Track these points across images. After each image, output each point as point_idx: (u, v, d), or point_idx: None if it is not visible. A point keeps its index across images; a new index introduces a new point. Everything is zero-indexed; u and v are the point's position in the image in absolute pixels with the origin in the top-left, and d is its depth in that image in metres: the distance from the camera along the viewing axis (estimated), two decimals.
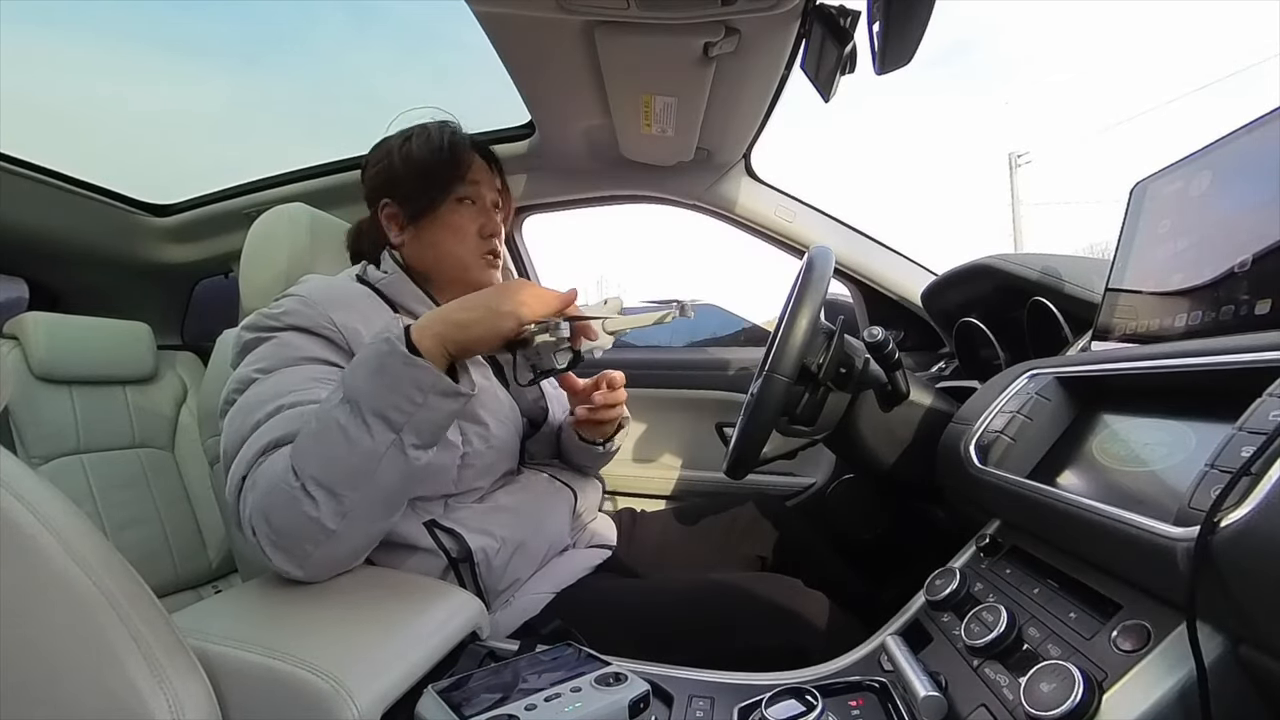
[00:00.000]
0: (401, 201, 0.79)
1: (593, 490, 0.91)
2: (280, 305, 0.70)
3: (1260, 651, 0.32)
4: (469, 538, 0.72)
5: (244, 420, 0.60)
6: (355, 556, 0.60)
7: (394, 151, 0.79)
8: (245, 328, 0.70)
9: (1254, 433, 0.34)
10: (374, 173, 0.80)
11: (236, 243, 0.96)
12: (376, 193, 0.80)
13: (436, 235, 0.79)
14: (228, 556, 1.42)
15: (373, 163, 0.81)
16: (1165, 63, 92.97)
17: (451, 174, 0.78)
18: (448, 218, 0.79)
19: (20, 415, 1.24)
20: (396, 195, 0.79)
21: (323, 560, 0.56)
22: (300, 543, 0.54)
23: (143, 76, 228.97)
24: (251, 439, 0.58)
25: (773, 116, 1.10)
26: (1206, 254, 0.54)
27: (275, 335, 0.68)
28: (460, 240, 0.79)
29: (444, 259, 0.79)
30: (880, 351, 0.74)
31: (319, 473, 0.53)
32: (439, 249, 0.79)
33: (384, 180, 0.79)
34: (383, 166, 0.79)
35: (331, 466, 0.53)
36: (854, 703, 0.47)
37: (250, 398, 0.63)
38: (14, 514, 0.33)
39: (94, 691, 0.33)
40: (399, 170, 0.78)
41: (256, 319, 0.70)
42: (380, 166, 0.79)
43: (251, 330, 0.69)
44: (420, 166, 0.77)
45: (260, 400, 0.61)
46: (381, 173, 0.79)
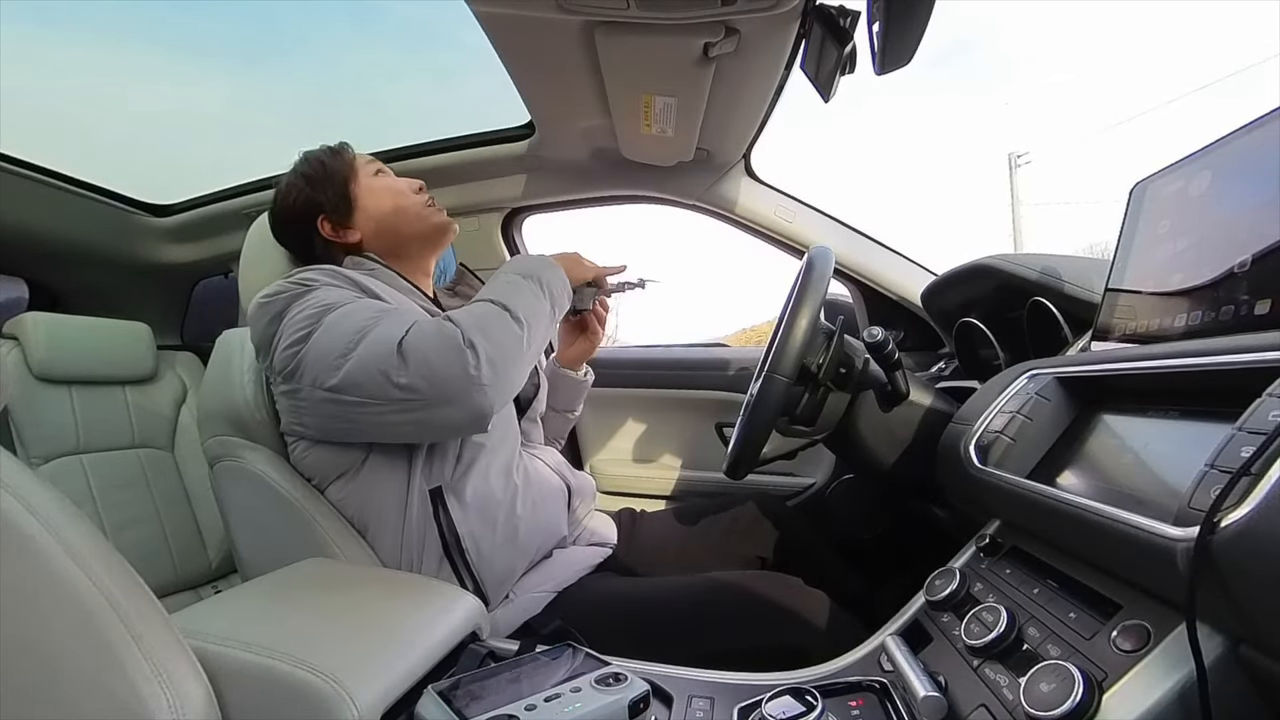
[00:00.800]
0: (331, 206, 0.85)
1: (587, 488, 0.92)
2: (299, 276, 0.74)
3: (1260, 651, 0.32)
4: (461, 522, 0.74)
5: (343, 324, 0.68)
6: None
7: (296, 182, 0.85)
8: (269, 295, 0.73)
9: (1254, 433, 0.34)
10: (295, 198, 0.85)
11: (236, 243, 0.96)
12: (308, 218, 0.85)
13: (375, 203, 0.86)
14: (227, 557, 1.42)
15: (289, 197, 0.85)
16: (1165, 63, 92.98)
17: (346, 159, 0.87)
18: (370, 190, 0.86)
19: (20, 415, 1.24)
20: (325, 207, 0.85)
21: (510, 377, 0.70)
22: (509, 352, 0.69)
23: (143, 76, 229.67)
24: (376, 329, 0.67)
25: (773, 116, 1.10)
26: (1206, 254, 0.54)
27: (316, 289, 0.72)
28: (395, 194, 0.87)
29: (401, 219, 0.86)
30: (880, 351, 0.74)
31: (525, 313, 0.72)
32: (387, 211, 0.86)
33: (308, 200, 0.85)
34: (297, 194, 0.85)
35: (529, 310, 0.73)
36: (854, 703, 0.47)
37: (341, 314, 0.69)
38: (14, 514, 0.33)
39: (93, 692, 0.33)
40: (309, 190, 0.84)
41: (280, 286, 0.73)
42: (295, 195, 0.85)
43: (276, 295, 0.72)
44: (321, 171, 0.85)
45: (360, 308, 0.70)
46: (299, 195, 0.85)
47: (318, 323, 0.69)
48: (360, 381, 0.66)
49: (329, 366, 0.67)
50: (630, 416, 1.47)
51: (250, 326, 0.75)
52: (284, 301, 0.71)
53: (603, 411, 1.46)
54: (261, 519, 0.78)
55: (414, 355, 0.65)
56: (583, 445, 1.49)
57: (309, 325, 0.69)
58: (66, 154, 1.37)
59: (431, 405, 0.66)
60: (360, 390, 0.66)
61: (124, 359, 1.41)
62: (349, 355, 0.66)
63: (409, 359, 0.65)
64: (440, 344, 0.66)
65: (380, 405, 0.66)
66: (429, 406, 0.66)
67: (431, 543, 0.74)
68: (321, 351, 0.68)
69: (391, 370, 0.65)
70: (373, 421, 0.68)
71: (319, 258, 0.86)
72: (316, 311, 0.69)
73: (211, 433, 0.81)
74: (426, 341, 0.66)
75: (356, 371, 0.66)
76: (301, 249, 0.88)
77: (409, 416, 0.67)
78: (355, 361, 0.66)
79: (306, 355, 0.68)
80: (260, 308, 0.72)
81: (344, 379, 0.66)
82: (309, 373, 0.68)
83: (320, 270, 0.76)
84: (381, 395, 0.65)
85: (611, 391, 1.42)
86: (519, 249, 1.46)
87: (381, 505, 0.74)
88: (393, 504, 0.74)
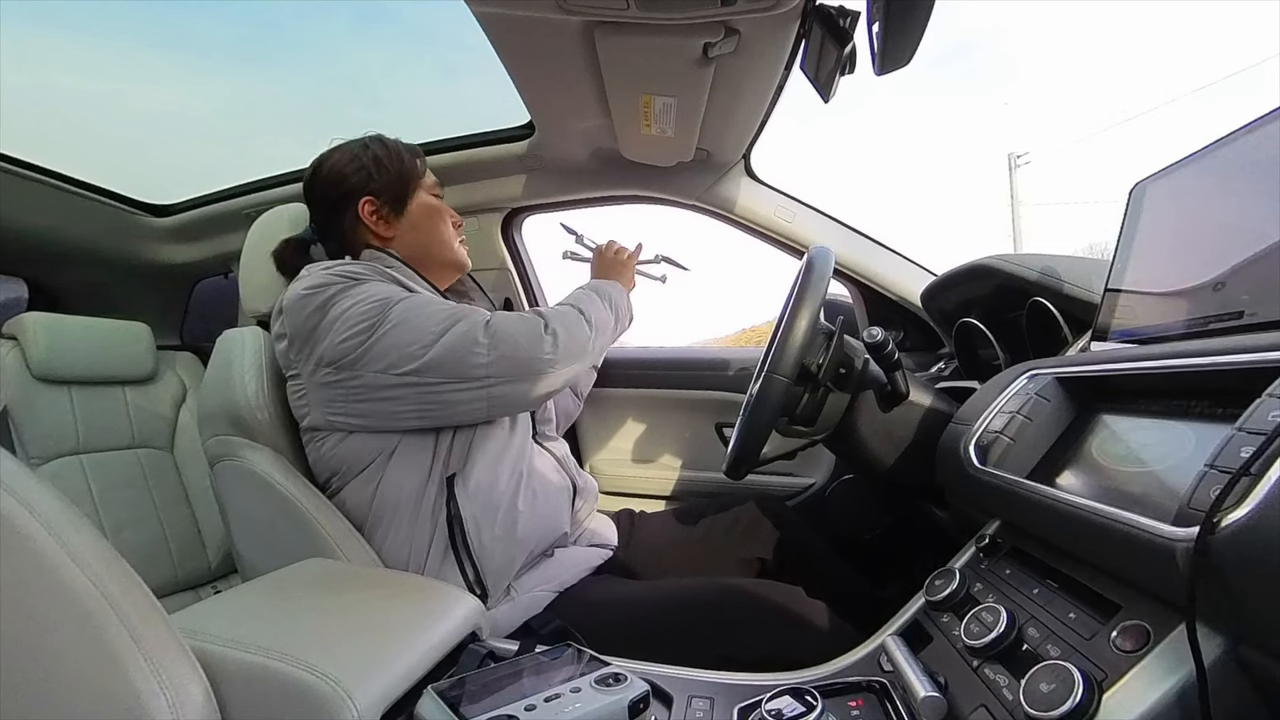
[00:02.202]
0: (383, 197, 0.86)
1: (589, 488, 0.92)
2: (340, 269, 0.76)
3: (1260, 652, 0.32)
4: (464, 505, 0.75)
5: (424, 315, 0.73)
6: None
7: (362, 154, 0.86)
8: (313, 287, 0.74)
9: (1253, 433, 0.34)
10: (353, 170, 0.85)
11: (236, 243, 0.96)
12: (355, 192, 0.85)
13: (426, 223, 0.89)
14: (227, 557, 1.42)
15: (346, 165, 0.85)
16: (1165, 63, 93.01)
17: (415, 169, 0.89)
18: (427, 207, 0.89)
19: (19, 416, 1.24)
20: (378, 191, 0.85)
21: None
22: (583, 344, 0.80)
23: (143, 76, 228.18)
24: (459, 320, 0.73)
25: (772, 116, 1.10)
26: (1205, 254, 0.54)
27: (364, 282, 0.75)
28: (444, 223, 0.90)
29: (434, 242, 0.89)
30: (880, 352, 0.74)
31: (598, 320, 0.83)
32: (431, 234, 0.89)
33: (365, 178, 0.85)
34: (360, 165, 0.85)
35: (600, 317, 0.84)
36: (854, 703, 0.47)
37: (413, 305, 0.74)
38: (13, 515, 0.33)
39: (93, 692, 0.33)
40: (375, 169, 0.85)
41: (324, 278, 0.75)
42: (358, 165, 0.85)
43: (322, 287, 0.74)
44: (394, 163, 0.87)
45: (433, 301, 0.76)
46: (360, 170, 0.85)
47: (384, 314, 0.72)
48: (445, 362, 0.71)
49: (408, 354, 0.71)
50: (630, 416, 1.47)
51: (287, 317, 0.75)
52: (332, 293, 0.73)
53: (603, 411, 1.46)
54: (261, 519, 0.78)
55: (503, 336, 0.73)
56: (583, 445, 1.49)
57: (373, 316, 0.72)
58: (66, 154, 1.36)
59: (510, 380, 0.73)
60: (444, 370, 0.71)
61: (124, 359, 1.41)
62: (432, 345, 0.71)
63: (498, 339, 0.72)
64: (525, 327, 0.75)
65: (456, 384, 0.72)
66: (507, 381, 0.73)
67: (440, 531, 0.75)
68: (398, 341, 0.71)
69: (478, 351, 0.71)
70: (444, 401, 0.73)
71: (337, 233, 0.87)
72: (378, 304, 0.72)
73: (212, 432, 0.81)
74: (512, 324, 0.74)
75: (442, 354, 0.71)
76: (325, 215, 0.88)
77: (482, 393, 0.73)
78: (441, 346, 0.71)
79: (376, 345, 0.71)
80: (302, 299, 0.74)
81: (424, 365, 0.71)
82: (378, 360, 0.71)
83: (362, 264, 0.78)
84: (461, 375, 0.72)
85: (611, 391, 1.42)
86: (519, 249, 1.46)
87: (400, 494, 0.76)
88: (412, 492, 0.76)
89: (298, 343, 0.75)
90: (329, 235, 0.88)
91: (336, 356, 0.72)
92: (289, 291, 0.76)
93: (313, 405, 0.76)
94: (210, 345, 0.89)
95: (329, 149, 0.88)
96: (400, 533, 0.75)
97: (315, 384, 0.75)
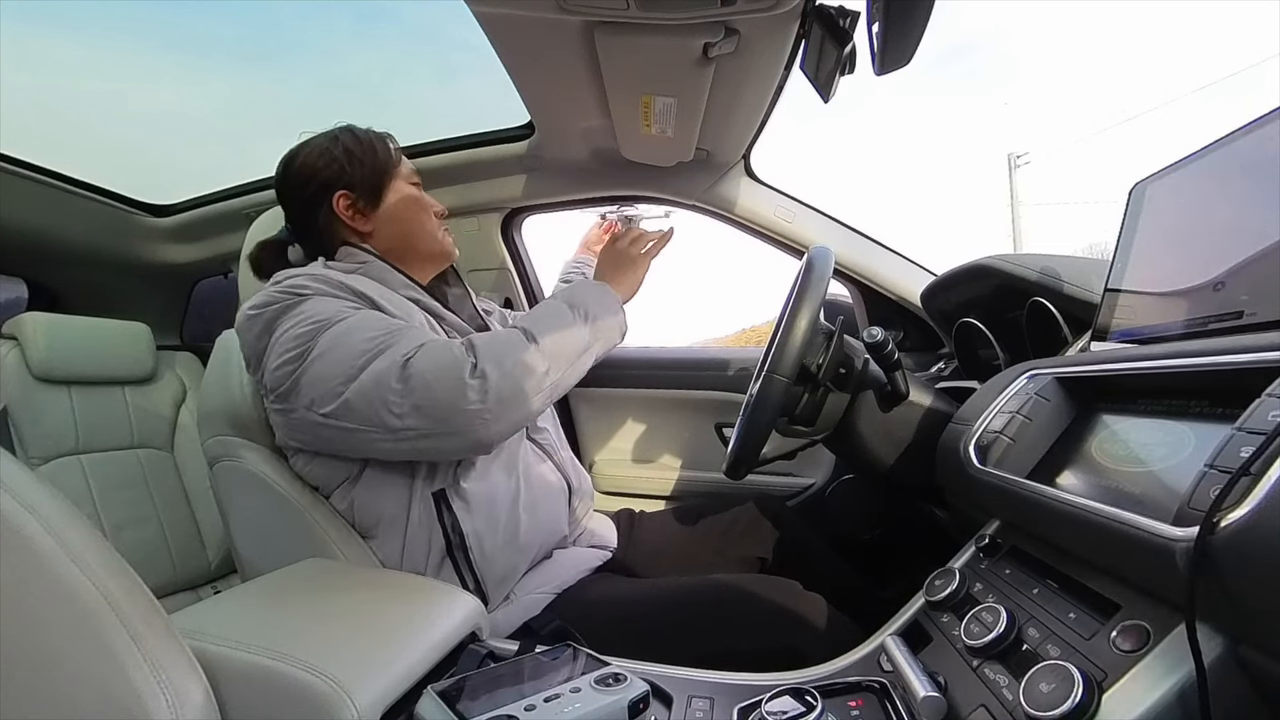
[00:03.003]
0: (358, 190, 0.81)
1: (586, 487, 0.92)
2: (288, 283, 0.72)
3: (1259, 651, 0.32)
4: (464, 520, 0.74)
5: (345, 346, 0.66)
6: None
7: (332, 147, 0.82)
8: (258, 306, 0.70)
9: (1253, 433, 0.34)
10: (324, 164, 0.81)
11: (236, 243, 0.96)
12: (329, 186, 0.81)
13: (404, 213, 0.84)
14: (227, 557, 1.42)
15: (317, 159, 0.81)
16: (1165, 63, 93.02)
17: (390, 158, 0.84)
18: (404, 197, 0.84)
19: (19, 416, 1.24)
20: (351, 184, 0.81)
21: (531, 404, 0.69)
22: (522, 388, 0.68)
23: (143, 76, 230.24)
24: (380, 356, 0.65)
25: (772, 116, 1.10)
26: (1205, 254, 0.54)
27: (307, 299, 0.70)
28: (423, 211, 0.85)
29: (415, 233, 0.84)
30: (880, 352, 0.74)
31: (554, 347, 0.71)
32: (411, 225, 0.84)
33: (336, 172, 0.81)
34: (330, 159, 0.81)
35: (562, 344, 0.72)
36: (854, 703, 0.47)
37: (341, 332, 0.67)
38: (13, 515, 0.33)
39: (93, 693, 0.33)
40: (347, 161, 0.81)
41: (269, 296, 0.71)
42: (328, 159, 0.81)
43: (265, 306, 0.70)
44: (366, 154, 0.82)
45: (361, 327, 0.68)
46: (331, 164, 0.81)
47: (313, 341, 0.67)
48: (358, 408, 0.65)
49: (328, 392, 0.66)
50: (630, 416, 1.47)
51: (239, 338, 0.73)
52: (274, 313, 0.69)
53: (602, 411, 1.46)
54: (261, 519, 0.77)
55: (418, 381, 0.64)
56: (583, 445, 1.49)
57: (302, 344, 0.67)
58: (66, 154, 1.37)
59: (429, 436, 0.65)
60: (357, 417, 0.65)
61: (123, 359, 1.41)
62: (350, 381, 0.65)
63: (412, 384, 0.64)
64: (446, 372, 0.65)
65: (377, 433, 0.65)
66: (426, 437, 0.65)
67: (435, 544, 0.74)
68: (319, 375, 0.66)
69: (391, 400, 0.64)
70: (369, 447, 0.68)
71: (313, 231, 0.83)
72: (310, 329, 0.67)
73: (211, 433, 0.81)
74: (432, 367, 0.65)
75: (355, 399, 0.65)
76: (300, 214, 0.84)
77: (406, 445, 0.66)
78: (356, 389, 0.65)
79: (302, 377, 0.67)
80: (249, 320, 0.70)
81: (341, 406, 0.65)
82: (304, 395, 0.67)
83: (311, 276, 0.73)
84: (379, 423, 0.65)
85: (611, 391, 1.42)
86: (519, 249, 1.46)
87: (383, 510, 0.74)
88: (395, 508, 0.74)
89: (251, 364, 0.73)
90: (305, 235, 0.85)
91: (274, 386, 0.69)
92: (240, 310, 0.73)
93: (275, 425, 0.75)
94: (210, 345, 0.89)
95: (298, 144, 0.84)
96: (392, 545, 0.74)
97: (269, 409, 0.74)
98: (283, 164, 0.84)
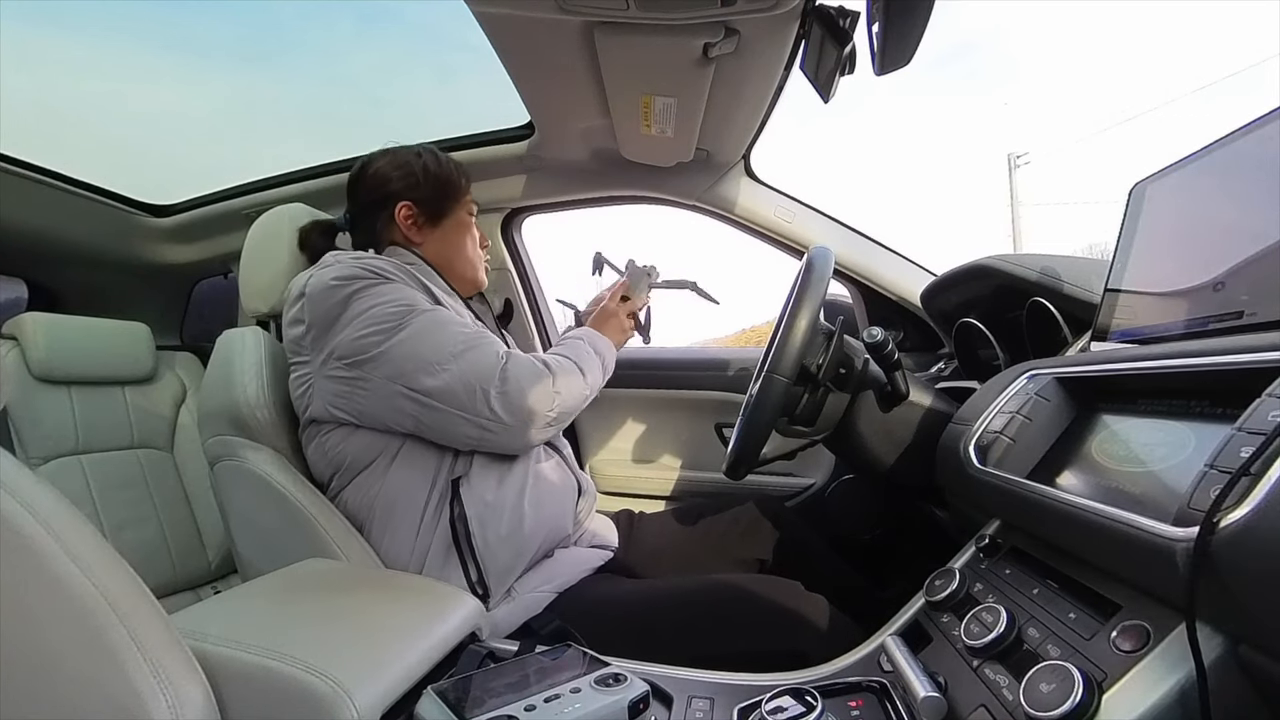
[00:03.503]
0: (422, 206, 0.89)
1: (590, 488, 0.92)
2: (368, 262, 0.77)
3: (1260, 652, 0.32)
4: (470, 506, 0.75)
5: (442, 332, 0.74)
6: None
7: (412, 163, 0.89)
8: (342, 278, 0.74)
9: (1253, 433, 0.34)
10: (399, 176, 0.88)
11: (236, 243, 0.96)
12: (397, 195, 0.88)
13: (455, 239, 0.92)
14: (227, 557, 1.42)
15: (394, 169, 0.88)
16: (1165, 63, 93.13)
17: (460, 189, 0.93)
18: (460, 225, 0.92)
19: (19, 416, 1.24)
20: (418, 200, 0.88)
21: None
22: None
23: (143, 76, 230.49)
24: (476, 349, 0.74)
25: (772, 116, 1.10)
26: (1205, 254, 0.54)
27: (391, 282, 0.76)
28: (472, 244, 0.94)
29: (459, 259, 0.92)
30: (879, 352, 0.74)
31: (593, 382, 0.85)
32: (458, 251, 0.92)
33: (408, 185, 0.88)
34: (407, 172, 0.88)
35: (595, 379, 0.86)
36: (854, 703, 0.47)
37: (435, 320, 0.75)
38: (13, 515, 0.33)
39: (93, 693, 0.33)
40: (421, 179, 0.88)
41: (352, 270, 0.75)
42: (404, 172, 0.88)
43: (350, 279, 0.74)
44: (440, 179, 0.90)
45: (452, 321, 0.76)
46: (406, 178, 0.88)
47: (404, 321, 0.73)
48: (457, 393, 0.72)
49: (423, 369, 0.71)
50: (630, 416, 1.47)
51: (309, 304, 0.76)
52: (358, 287, 0.74)
53: (602, 412, 1.46)
54: (262, 519, 0.78)
55: (513, 384, 0.73)
56: (583, 445, 1.49)
57: (393, 321, 0.72)
58: (66, 154, 1.36)
59: (506, 431, 0.74)
60: (453, 400, 0.72)
61: (123, 359, 1.41)
62: (448, 366, 0.71)
63: (509, 386, 0.73)
64: (535, 381, 0.75)
65: (463, 417, 0.72)
66: (504, 430, 0.74)
67: (442, 532, 0.75)
68: (413, 352, 0.72)
69: (492, 392, 0.72)
70: (441, 427, 0.74)
71: (369, 228, 0.89)
72: (400, 309, 0.73)
73: (212, 432, 0.81)
74: (524, 374, 0.74)
75: (456, 384, 0.71)
76: (363, 211, 0.90)
77: (480, 434, 0.74)
78: (456, 374, 0.71)
79: (391, 350, 0.72)
80: (331, 287, 0.74)
81: (440, 386, 0.71)
82: (391, 367, 0.72)
83: (388, 261, 0.79)
84: (471, 410, 0.72)
85: (611, 391, 1.41)
86: (519, 249, 1.46)
87: (403, 494, 0.76)
88: (416, 492, 0.76)
89: (315, 330, 0.75)
90: (360, 228, 0.91)
91: (350, 352, 0.73)
92: (315, 278, 0.76)
93: (316, 396, 0.76)
94: (210, 345, 0.89)
95: (380, 150, 0.91)
96: (402, 532, 0.75)
97: (323, 375, 0.75)
98: (362, 163, 0.91)
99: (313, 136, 20.57)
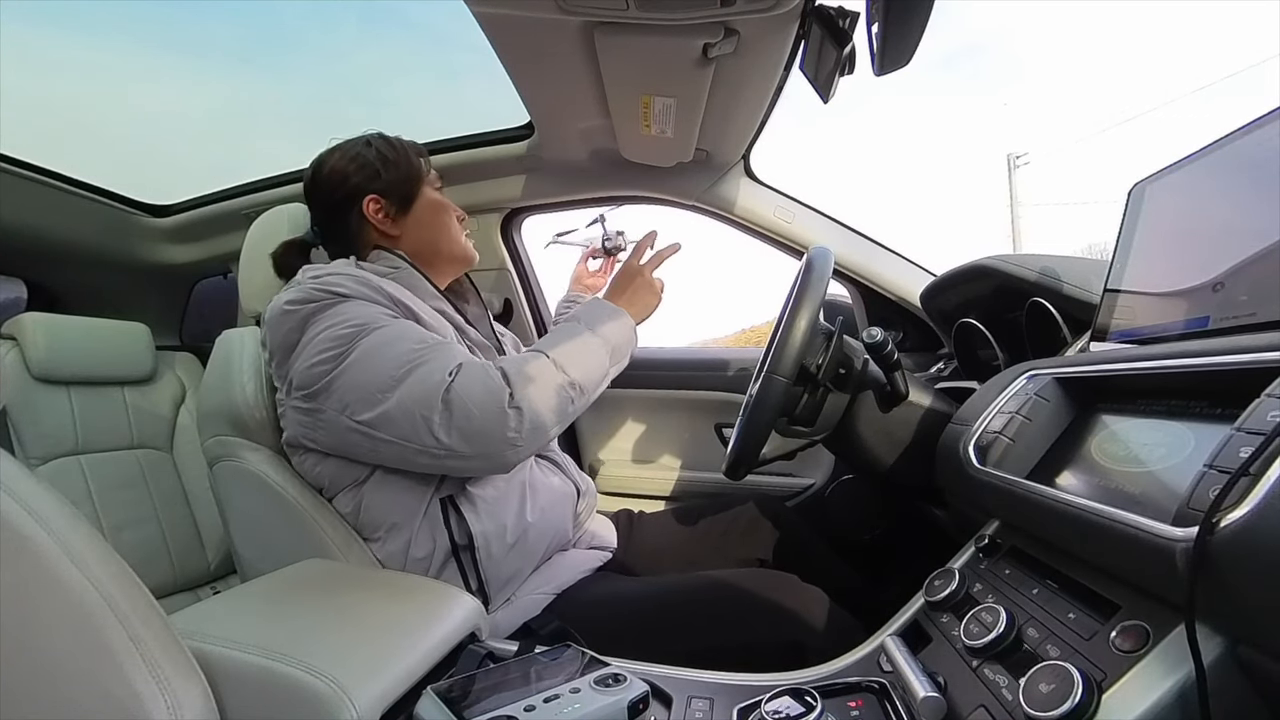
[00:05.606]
0: (389, 195, 0.84)
1: (590, 490, 0.92)
2: (326, 280, 0.72)
3: (1259, 652, 0.32)
4: (474, 523, 0.73)
5: (385, 355, 0.67)
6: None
7: (365, 153, 0.84)
8: (295, 301, 0.71)
9: (1252, 433, 0.34)
10: (356, 169, 0.83)
11: (235, 243, 0.96)
12: (360, 190, 0.83)
13: (432, 219, 0.87)
14: (226, 557, 1.42)
15: (349, 164, 0.83)
16: (1165, 63, 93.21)
17: (419, 167, 0.87)
18: (433, 204, 0.87)
19: (18, 416, 1.24)
20: (383, 190, 0.83)
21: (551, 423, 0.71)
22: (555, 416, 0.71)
23: (143, 76, 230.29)
24: (421, 368, 0.67)
25: (772, 116, 1.10)
26: (1205, 255, 0.54)
27: (346, 301, 0.71)
28: (449, 218, 0.88)
29: (443, 239, 0.87)
30: (879, 352, 0.74)
31: (580, 377, 0.73)
32: (439, 231, 0.87)
33: (368, 177, 0.83)
34: (363, 164, 0.83)
35: (588, 374, 0.74)
36: (853, 703, 0.47)
37: (380, 341, 0.68)
38: (12, 515, 0.33)
39: (92, 694, 0.33)
40: (380, 167, 0.83)
41: (306, 292, 0.71)
42: (360, 164, 0.83)
43: (303, 302, 0.71)
44: (398, 162, 0.85)
45: (400, 338, 0.69)
46: (363, 169, 0.83)
47: (351, 345, 0.67)
48: (397, 421, 0.66)
49: (365, 399, 0.66)
50: (630, 416, 1.47)
51: (268, 330, 0.73)
52: (311, 311, 0.70)
53: (602, 412, 1.46)
54: (261, 519, 0.77)
55: (458, 407, 0.65)
56: (582, 445, 1.49)
57: (340, 346, 0.68)
58: (65, 154, 1.36)
59: (462, 457, 0.67)
60: (395, 429, 0.66)
61: (123, 359, 1.41)
62: (390, 393, 0.66)
63: (453, 409, 0.65)
64: (485, 400, 0.66)
65: (412, 447, 0.67)
66: (459, 458, 0.67)
67: (440, 545, 0.74)
68: (357, 381, 0.67)
69: (434, 419, 0.65)
70: (398, 457, 0.69)
71: (343, 234, 0.85)
72: (350, 332, 0.68)
73: (211, 433, 0.81)
74: (472, 393, 0.66)
75: (396, 412, 0.66)
76: (328, 216, 0.85)
77: (436, 462, 0.68)
78: (396, 402, 0.65)
79: (337, 380, 0.67)
80: (284, 314, 0.71)
81: (380, 417, 0.66)
82: (337, 398, 0.67)
83: (349, 276, 0.73)
84: (416, 440, 0.66)
85: (611, 392, 1.40)
86: (518, 249, 1.46)
87: (390, 512, 0.74)
88: (403, 511, 0.74)
89: (277, 357, 0.73)
90: (332, 237, 0.87)
91: (304, 383, 0.69)
92: (273, 302, 0.73)
93: (287, 423, 0.75)
94: (210, 345, 0.89)
95: (328, 149, 0.86)
96: (395, 545, 0.74)
97: (289, 405, 0.74)
98: (313, 167, 0.86)
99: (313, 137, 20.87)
